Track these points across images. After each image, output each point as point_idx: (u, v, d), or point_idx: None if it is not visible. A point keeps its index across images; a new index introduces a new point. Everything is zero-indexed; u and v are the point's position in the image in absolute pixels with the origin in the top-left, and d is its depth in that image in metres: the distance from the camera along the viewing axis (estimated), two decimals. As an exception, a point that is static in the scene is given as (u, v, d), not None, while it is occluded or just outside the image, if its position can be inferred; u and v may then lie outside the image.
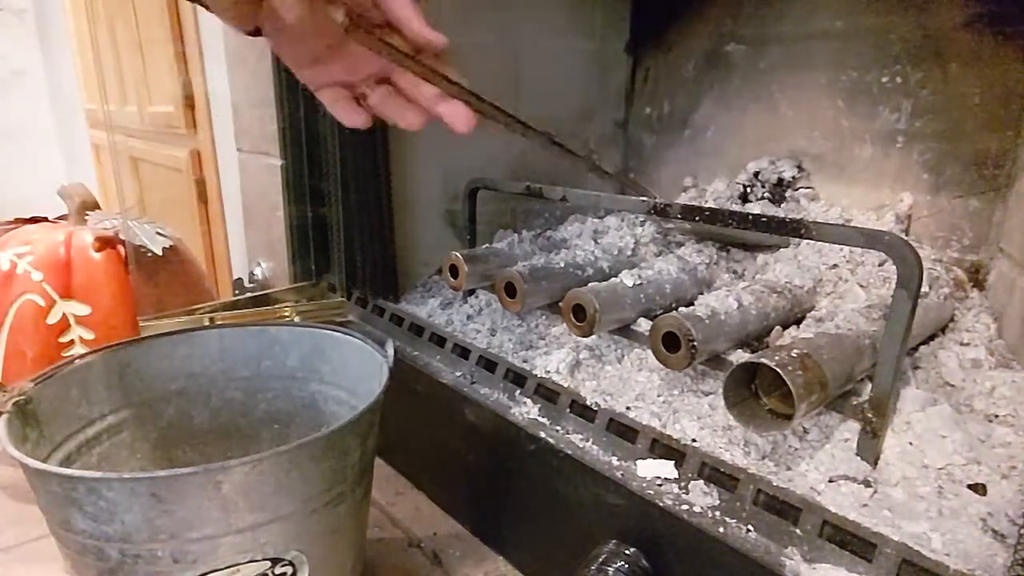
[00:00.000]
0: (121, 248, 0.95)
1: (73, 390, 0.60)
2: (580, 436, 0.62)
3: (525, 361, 0.73)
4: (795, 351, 0.51)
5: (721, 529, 0.49)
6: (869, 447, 0.52)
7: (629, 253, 0.90)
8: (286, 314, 0.92)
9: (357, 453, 0.54)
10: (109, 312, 0.91)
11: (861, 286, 0.74)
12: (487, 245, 0.89)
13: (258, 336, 0.70)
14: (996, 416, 0.57)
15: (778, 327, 0.66)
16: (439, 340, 0.82)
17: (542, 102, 1.10)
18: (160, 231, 0.99)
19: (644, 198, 0.71)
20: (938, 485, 0.48)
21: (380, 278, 0.95)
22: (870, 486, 0.49)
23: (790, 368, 0.48)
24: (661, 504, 0.52)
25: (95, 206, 1.01)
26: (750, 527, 0.49)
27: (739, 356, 0.62)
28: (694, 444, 0.56)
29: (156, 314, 0.90)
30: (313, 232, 1.01)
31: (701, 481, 0.53)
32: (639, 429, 0.59)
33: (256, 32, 0.46)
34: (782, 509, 0.49)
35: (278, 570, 0.50)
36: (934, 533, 0.44)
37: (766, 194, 0.93)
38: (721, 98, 1.06)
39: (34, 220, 1.01)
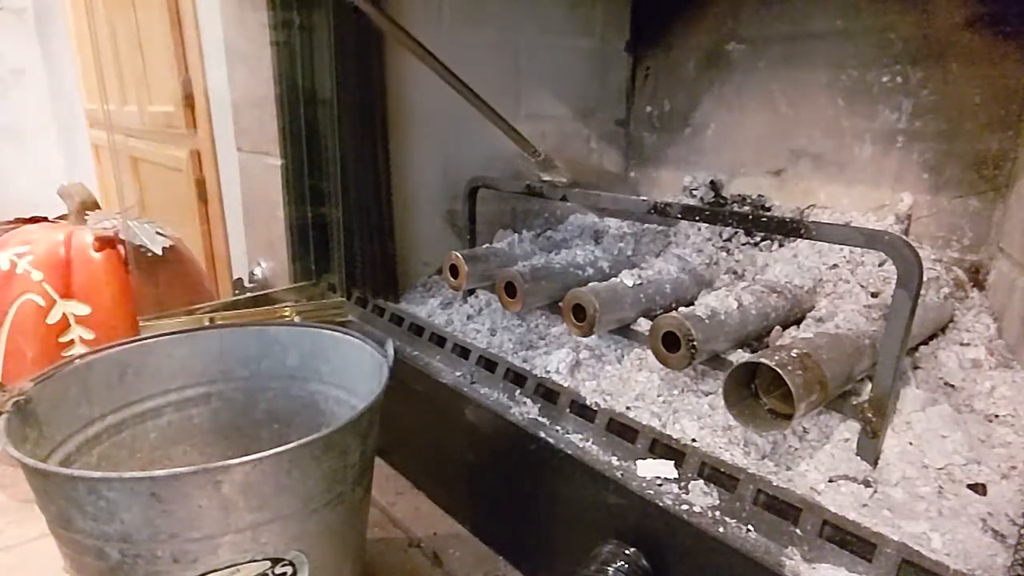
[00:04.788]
0: (121, 248, 0.95)
1: (73, 390, 0.60)
2: (580, 436, 0.62)
3: (525, 361, 0.73)
4: (795, 351, 0.51)
5: (721, 529, 0.49)
6: (869, 447, 0.52)
7: (629, 253, 0.90)
8: (286, 314, 0.92)
9: (357, 453, 0.54)
10: (109, 312, 0.91)
11: (862, 286, 0.74)
12: (487, 245, 0.89)
13: (258, 336, 0.70)
14: (996, 416, 0.57)
15: (778, 327, 0.66)
16: (439, 340, 0.82)
17: (543, 100, 1.10)
18: (160, 231, 0.99)
19: (644, 198, 0.71)
20: (938, 485, 0.48)
21: (380, 278, 0.95)
22: (870, 486, 0.49)
23: (790, 368, 0.48)
24: (661, 504, 0.52)
25: (95, 206, 1.01)
26: (750, 527, 0.49)
27: (739, 356, 0.62)
28: (694, 444, 0.56)
29: (156, 314, 0.90)
30: (313, 232, 1.01)
31: (701, 481, 0.53)
32: (639, 429, 0.59)
33: None
34: (782, 509, 0.49)
35: (278, 570, 0.50)
36: (934, 533, 0.44)
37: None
38: (721, 97, 1.06)
39: (34, 220, 1.01)
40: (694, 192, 1.06)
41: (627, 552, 0.54)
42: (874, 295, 0.72)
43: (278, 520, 0.48)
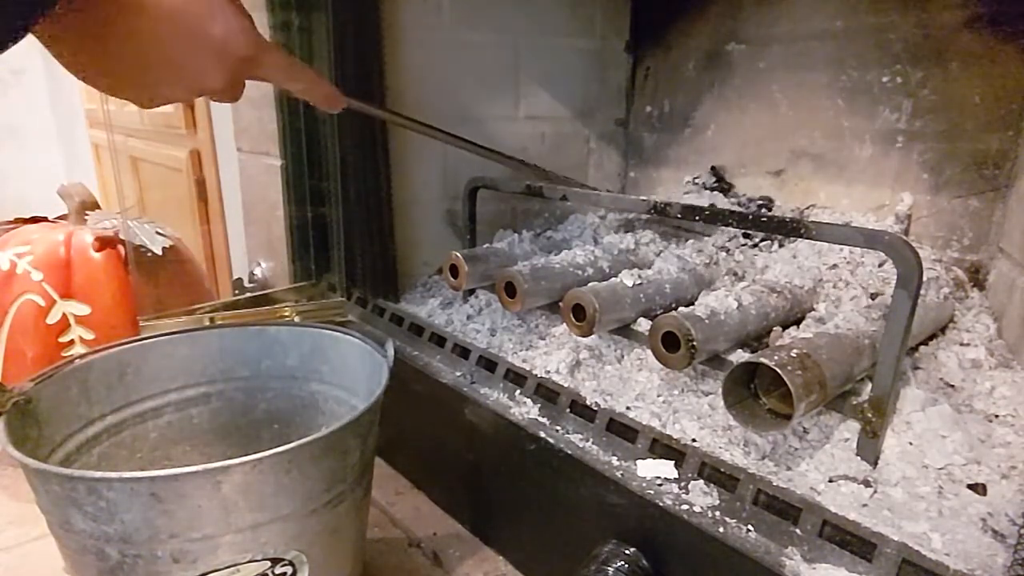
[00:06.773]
0: (121, 248, 0.95)
1: (73, 390, 0.60)
2: (580, 436, 0.62)
3: (525, 361, 0.73)
4: (794, 351, 0.51)
5: (721, 529, 0.49)
6: (869, 447, 0.52)
7: (629, 253, 0.90)
8: (286, 314, 0.93)
9: (357, 453, 0.54)
10: (109, 312, 0.91)
11: (862, 286, 0.74)
12: (487, 245, 0.89)
13: (258, 336, 0.70)
14: (996, 416, 0.57)
15: (778, 327, 0.66)
16: (439, 340, 0.82)
17: (543, 100, 1.10)
18: (160, 231, 0.99)
19: (644, 198, 0.71)
20: (938, 485, 0.48)
21: (380, 278, 0.95)
22: (870, 486, 0.49)
23: (789, 368, 0.48)
24: (661, 504, 0.52)
25: (95, 206, 1.01)
26: (750, 527, 0.49)
27: (739, 356, 0.62)
28: (694, 444, 0.56)
29: (156, 314, 0.90)
30: (313, 232, 1.01)
31: (701, 481, 0.53)
32: (639, 429, 0.59)
33: None
34: (782, 509, 0.49)
35: (278, 570, 0.50)
36: (934, 533, 0.44)
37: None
38: (721, 97, 1.06)
39: (34, 220, 1.01)
40: (696, 182, 1.05)
41: (627, 552, 0.54)
42: (874, 295, 0.72)
43: (278, 520, 0.48)
